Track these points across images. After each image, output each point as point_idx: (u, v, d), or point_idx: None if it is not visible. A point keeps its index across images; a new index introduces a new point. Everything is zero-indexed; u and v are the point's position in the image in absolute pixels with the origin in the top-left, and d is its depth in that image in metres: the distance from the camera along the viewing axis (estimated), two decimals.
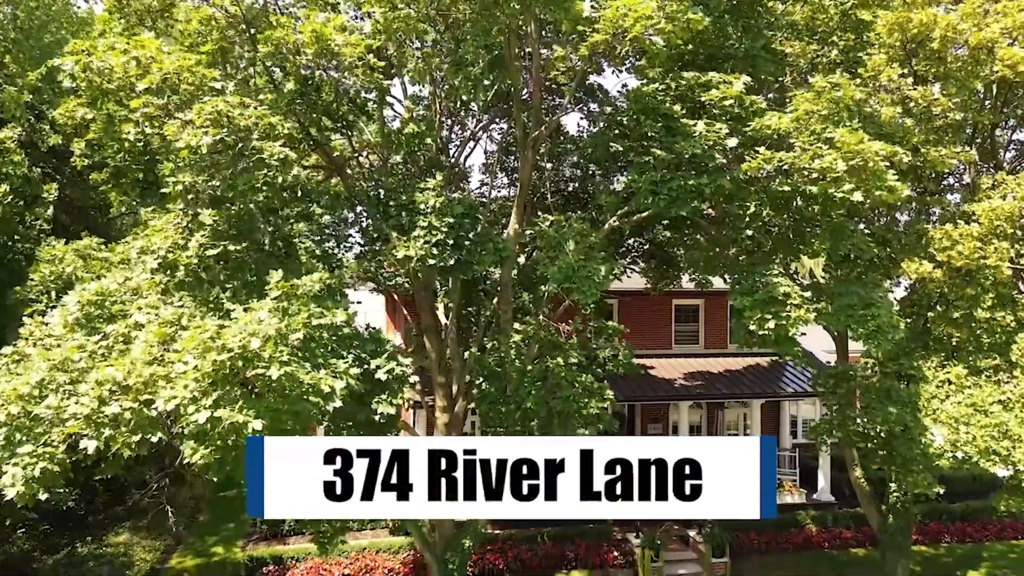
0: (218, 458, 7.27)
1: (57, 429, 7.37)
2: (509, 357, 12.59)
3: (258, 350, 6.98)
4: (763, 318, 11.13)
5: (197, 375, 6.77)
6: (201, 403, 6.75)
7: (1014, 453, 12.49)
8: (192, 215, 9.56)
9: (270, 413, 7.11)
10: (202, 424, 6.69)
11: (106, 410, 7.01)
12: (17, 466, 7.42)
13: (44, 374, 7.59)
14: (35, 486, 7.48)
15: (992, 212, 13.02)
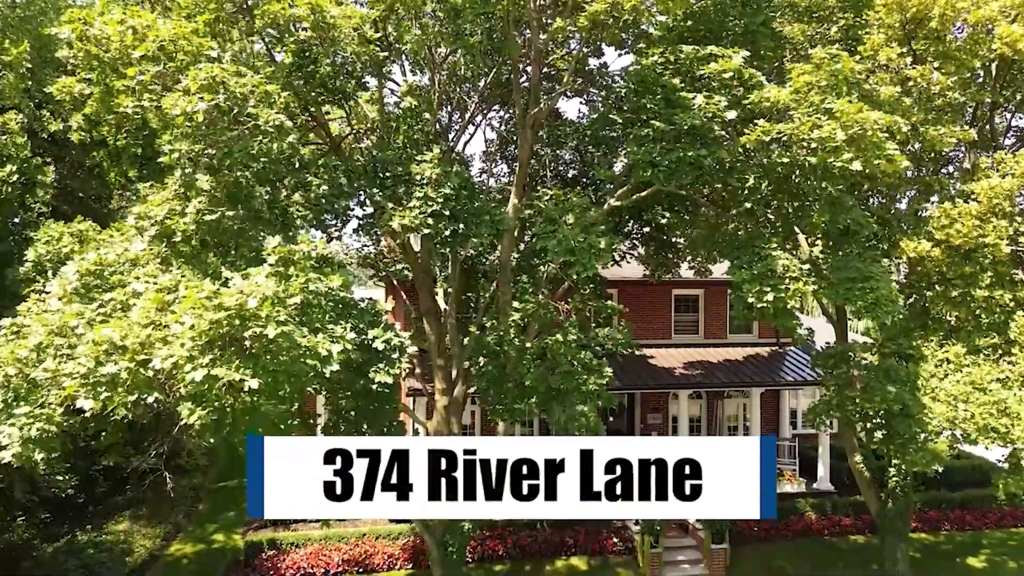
0: (215, 419, 7.27)
1: (55, 392, 7.37)
2: (508, 336, 12.58)
3: (255, 309, 6.97)
4: (761, 291, 11.11)
5: (193, 334, 6.76)
6: (197, 362, 6.74)
7: (1013, 430, 12.48)
8: (190, 182, 9.55)
9: (267, 374, 7.10)
10: (199, 383, 6.68)
11: (103, 370, 7.01)
12: (14, 427, 7.43)
13: (42, 338, 7.60)
14: (32, 447, 7.48)
15: (991, 190, 13.01)
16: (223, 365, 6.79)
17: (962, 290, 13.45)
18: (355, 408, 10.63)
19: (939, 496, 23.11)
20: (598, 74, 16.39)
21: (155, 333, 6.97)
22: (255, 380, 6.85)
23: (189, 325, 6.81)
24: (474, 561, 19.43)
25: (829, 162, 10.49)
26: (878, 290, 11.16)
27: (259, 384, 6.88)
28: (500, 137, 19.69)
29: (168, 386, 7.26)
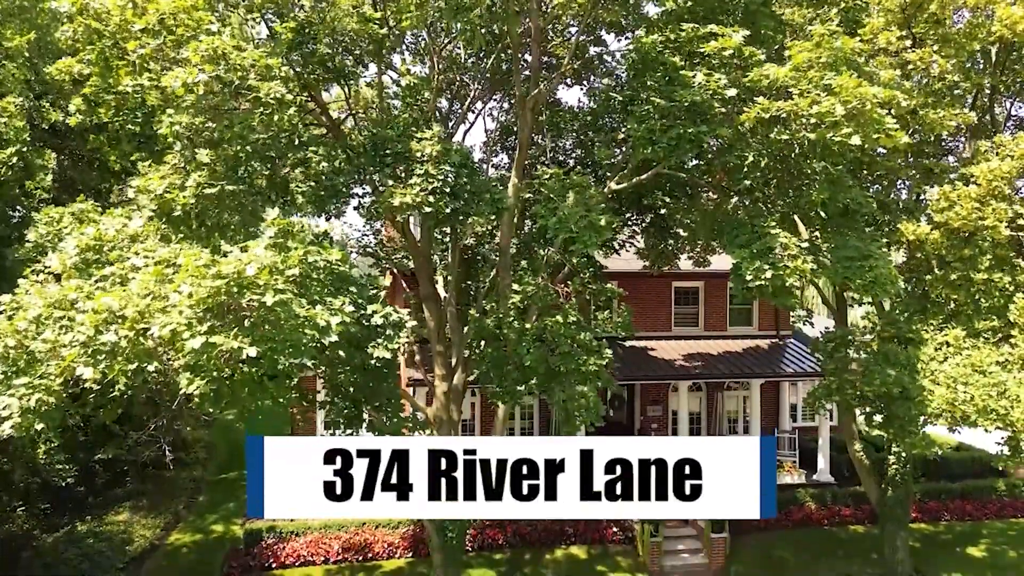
0: (213, 389, 7.26)
1: (54, 362, 7.36)
2: (508, 319, 12.58)
3: (253, 277, 6.97)
4: (760, 268, 11.09)
5: (192, 302, 6.75)
6: (196, 329, 6.73)
7: (1012, 412, 12.48)
8: (190, 155, 9.55)
9: (266, 342, 7.09)
10: (197, 351, 6.67)
11: (102, 338, 7.00)
12: (13, 397, 7.43)
13: (41, 310, 7.59)
14: (31, 417, 7.47)
15: (990, 173, 13.01)
16: (221, 333, 6.78)
17: (961, 273, 13.45)
18: (353, 384, 10.62)
19: (939, 487, 23.11)
20: (598, 60, 16.39)
21: (154, 304, 6.96)
22: (253, 348, 6.85)
23: (187, 293, 6.80)
24: (474, 549, 19.43)
25: (829, 137, 10.47)
26: (877, 268, 11.16)
27: (257, 352, 6.87)
28: (500, 126, 19.69)
29: (167, 356, 7.26)
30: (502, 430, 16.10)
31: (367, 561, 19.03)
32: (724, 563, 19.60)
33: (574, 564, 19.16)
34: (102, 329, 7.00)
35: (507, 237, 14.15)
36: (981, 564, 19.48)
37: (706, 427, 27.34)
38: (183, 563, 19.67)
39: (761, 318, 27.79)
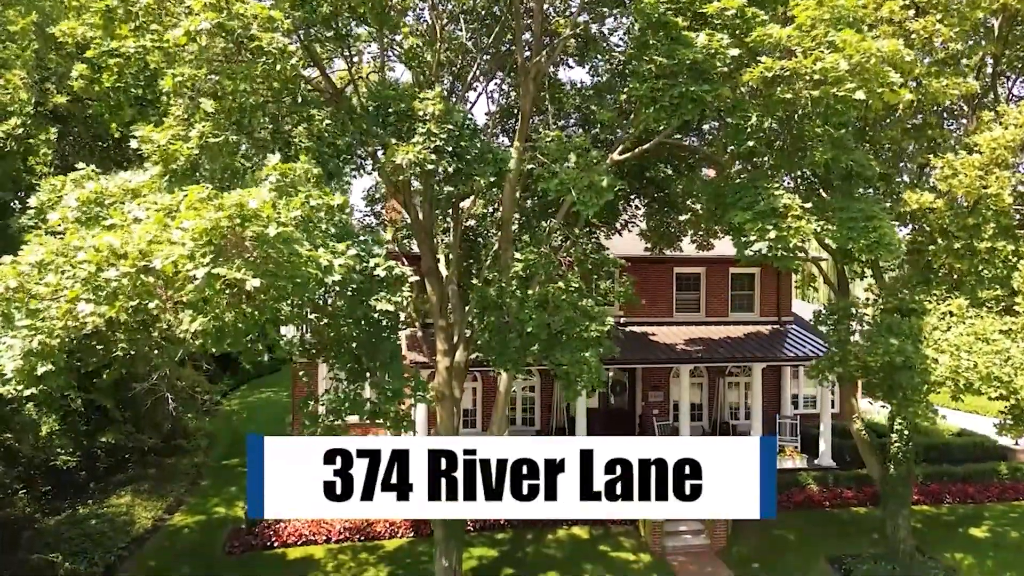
0: (216, 327, 7.25)
1: (56, 305, 7.34)
2: (510, 287, 12.56)
3: (256, 209, 6.96)
4: (763, 228, 11.08)
5: (194, 233, 6.73)
6: (198, 260, 6.72)
7: (1016, 379, 12.46)
8: (193, 107, 9.54)
9: (269, 276, 7.07)
10: (198, 284, 6.64)
11: (104, 275, 6.98)
12: (16, 338, 7.41)
13: (43, 255, 7.58)
14: (33, 360, 7.45)
15: (993, 141, 12.99)
16: (224, 266, 6.76)
17: (965, 242, 13.44)
18: (355, 340, 10.59)
19: (941, 470, 23.09)
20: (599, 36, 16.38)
21: (156, 246, 6.94)
22: (256, 280, 6.83)
23: (189, 228, 6.79)
24: (475, 530, 19.43)
25: (832, 92, 10.44)
26: (881, 229, 11.14)
27: (260, 284, 6.85)
28: (501, 108, 19.69)
29: (169, 294, 7.23)
30: (503, 411, 16.07)
31: (369, 540, 19.02)
32: (726, 544, 19.57)
33: (576, 544, 19.13)
34: (103, 266, 6.98)
35: (509, 209, 14.14)
36: (983, 544, 19.44)
37: (707, 413, 27.35)
38: (185, 542, 19.66)
39: (762, 304, 27.81)
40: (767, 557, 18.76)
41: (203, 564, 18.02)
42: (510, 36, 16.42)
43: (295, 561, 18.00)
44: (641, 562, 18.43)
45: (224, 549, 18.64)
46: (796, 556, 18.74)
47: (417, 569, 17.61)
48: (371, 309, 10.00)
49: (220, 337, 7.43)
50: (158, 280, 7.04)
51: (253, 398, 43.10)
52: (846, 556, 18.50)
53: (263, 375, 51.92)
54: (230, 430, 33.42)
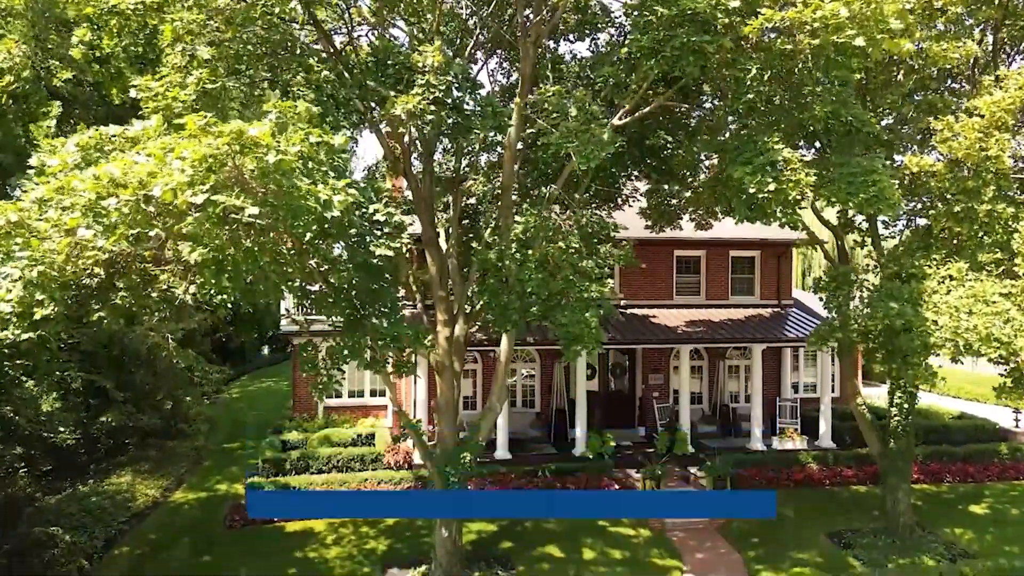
0: (216, 260, 7.25)
1: (56, 237, 7.34)
2: (509, 250, 12.56)
3: (255, 137, 6.95)
4: (763, 181, 11.07)
5: (193, 160, 6.73)
6: (197, 187, 6.72)
7: (1015, 341, 12.46)
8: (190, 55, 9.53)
9: (268, 206, 7.07)
10: (198, 217, 6.64)
11: (104, 203, 6.98)
12: (15, 268, 7.41)
13: (43, 193, 7.59)
14: (33, 290, 7.45)
15: (993, 104, 12.99)
16: (223, 192, 6.76)
17: (965, 205, 13.44)
18: (355, 286, 10.56)
19: (941, 449, 23.13)
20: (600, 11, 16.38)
21: (155, 177, 6.93)
22: (255, 208, 6.83)
23: (189, 157, 6.78)
24: None
25: (832, 40, 10.42)
26: (880, 183, 11.13)
27: (259, 212, 6.85)
28: (502, 88, 19.69)
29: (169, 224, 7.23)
30: (503, 381, 16.07)
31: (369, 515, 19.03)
32: (726, 520, 19.57)
33: (575, 520, 19.11)
34: (103, 195, 6.99)
35: (508, 176, 14.14)
36: (983, 520, 19.44)
37: (707, 396, 27.37)
38: (185, 518, 19.69)
39: (763, 287, 27.85)
40: (766, 532, 18.75)
41: (204, 538, 18.03)
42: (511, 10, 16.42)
43: (295, 534, 18.03)
44: (641, 537, 18.43)
45: (225, 523, 18.66)
46: (796, 532, 18.73)
47: (417, 542, 17.63)
48: (370, 255, 10.01)
49: (220, 271, 7.42)
50: (158, 210, 7.03)
51: (254, 387, 43.19)
52: (846, 531, 18.50)
53: (263, 367, 52.13)
54: (231, 417, 33.52)
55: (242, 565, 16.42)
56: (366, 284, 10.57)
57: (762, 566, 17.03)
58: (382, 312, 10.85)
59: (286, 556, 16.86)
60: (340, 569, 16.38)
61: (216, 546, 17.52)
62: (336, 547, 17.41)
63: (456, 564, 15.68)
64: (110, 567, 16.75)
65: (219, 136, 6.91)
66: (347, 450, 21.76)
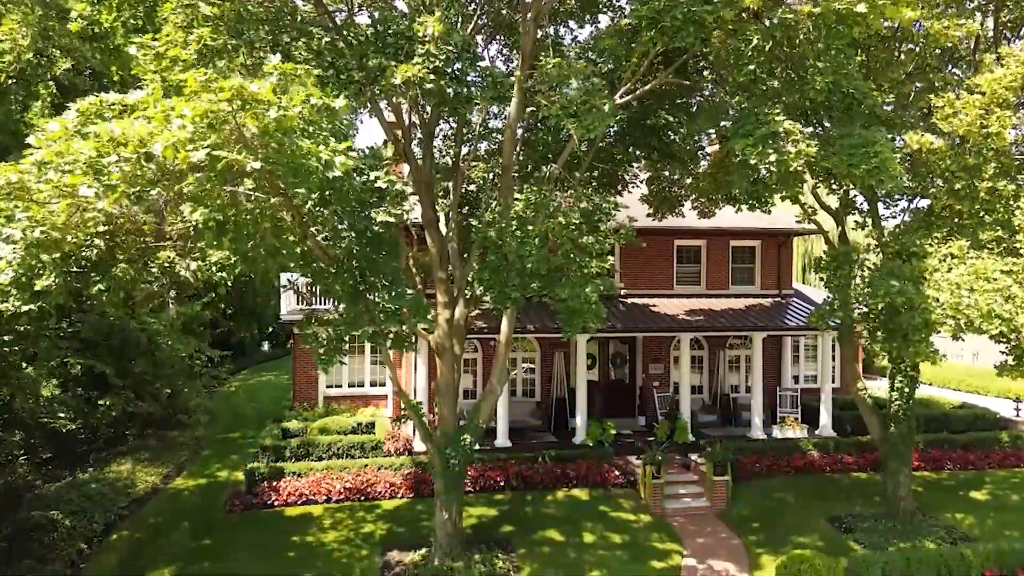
0: (217, 221, 7.22)
1: (56, 198, 7.31)
2: (510, 228, 12.54)
3: (256, 94, 6.93)
4: (764, 152, 11.04)
5: (194, 117, 6.70)
6: (198, 143, 6.69)
7: (1016, 317, 12.44)
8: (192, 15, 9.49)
9: (269, 164, 7.04)
10: (199, 169, 6.60)
11: (104, 160, 6.96)
12: (16, 229, 7.38)
13: (43, 156, 7.55)
14: (35, 252, 7.42)
15: (994, 81, 12.97)
16: (224, 148, 6.73)
17: (966, 183, 13.42)
18: (355, 256, 10.50)
19: (941, 437, 23.12)
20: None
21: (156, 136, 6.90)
22: (257, 163, 6.79)
23: (189, 114, 6.75)
24: (475, 491, 19.43)
25: (833, 7, 10.37)
26: (882, 154, 11.09)
27: (261, 166, 6.82)
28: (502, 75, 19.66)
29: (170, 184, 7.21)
30: (503, 361, 16.06)
31: (369, 500, 19.02)
32: (726, 506, 19.57)
33: (576, 505, 19.13)
34: (103, 153, 6.96)
35: (509, 155, 14.11)
36: (984, 506, 19.43)
37: (708, 385, 27.35)
38: (185, 503, 19.67)
39: (763, 277, 27.85)
40: (767, 517, 18.75)
41: (203, 522, 18.01)
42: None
43: (294, 518, 18.00)
44: (641, 522, 18.43)
45: (224, 508, 18.64)
46: (796, 516, 18.73)
47: (416, 526, 17.61)
48: (371, 221, 9.98)
49: (221, 232, 7.40)
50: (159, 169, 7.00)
51: (254, 381, 43.18)
52: (846, 516, 18.50)
53: (263, 362, 52.12)
54: (230, 409, 33.52)
55: (242, 549, 16.40)
56: (367, 255, 10.53)
57: (763, 550, 17.03)
58: (383, 285, 10.80)
59: (285, 540, 16.84)
60: (339, 552, 16.36)
61: (216, 530, 17.50)
62: (334, 531, 17.39)
63: (456, 546, 15.67)
64: (109, 551, 16.72)
65: (220, 92, 6.87)
66: (347, 438, 21.73)
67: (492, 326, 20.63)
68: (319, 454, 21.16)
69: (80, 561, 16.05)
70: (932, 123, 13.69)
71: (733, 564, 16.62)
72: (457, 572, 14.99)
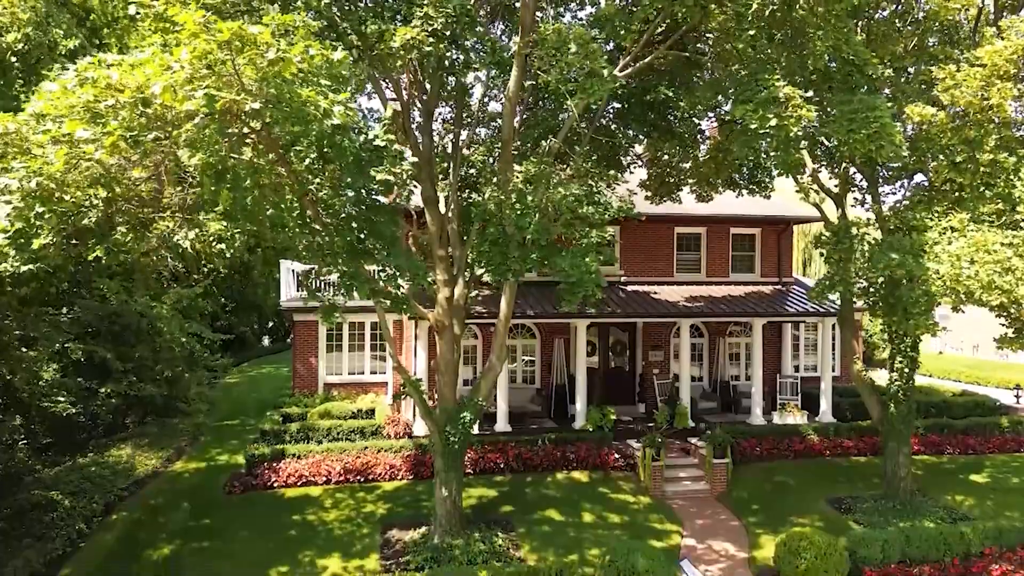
0: (215, 167, 7.20)
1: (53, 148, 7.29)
2: (509, 200, 12.53)
3: (255, 36, 6.91)
4: (764, 117, 11.01)
5: (192, 58, 6.69)
6: (197, 83, 6.68)
7: (1016, 289, 12.41)
8: None
9: (269, 107, 7.02)
10: (199, 121, 6.59)
11: (102, 104, 6.95)
12: (13, 179, 7.36)
13: (42, 108, 7.53)
14: (32, 203, 7.41)
15: (995, 53, 12.95)
16: (224, 89, 6.72)
17: (967, 155, 13.40)
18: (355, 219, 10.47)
19: (941, 422, 23.11)
20: None
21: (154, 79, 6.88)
22: (256, 102, 6.78)
23: (187, 56, 6.74)
24: (475, 473, 19.42)
25: None
26: (882, 119, 11.08)
27: (260, 107, 6.80)
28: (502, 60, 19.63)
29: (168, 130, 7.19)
30: (503, 338, 16.06)
31: (369, 482, 19.01)
32: (726, 489, 19.57)
33: (575, 486, 19.12)
34: (101, 98, 6.95)
35: (508, 129, 14.09)
36: (984, 488, 19.41)
37: (708, 373, 27.34)
38: (185, 485, 19.67)
39: (764, 265, 27.84)
40: (766, 499, 18.76)
41: (203, 503, 18.01)
42: None
43: (294, 499, 17.99)
44: (640, 503, 18.42)
45: (224, 490, 18.64)
46: (796, 498, 18.73)
47: (416, 506, 17.61)
48: (371, 180, 9.96)
49: (219, 179, 7.38)
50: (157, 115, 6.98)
51: (254, 372, 43.19)
52: (846, 498, 18.49)
53: (264, 355, 52.12)
54: (230, 399, 33.53)
55: (241, 528, 16.40)
56: (366, 216, 10.50)
57: (762, 530, 17.04)
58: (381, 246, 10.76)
59: (285, 519, 16.83)
60: (339, 530, 16.36)
61: (215, 510, 17.50)
62: (335, 510, 17.39)
63: (456, 524, 15.67)
64: (108, 530, 16.72)
65: (219, 34, 6.85)
66: (347, 423, 21.72)
67: (491, 311, 20.61)
68: (319, 438, 21.14)
69: (80, 540, 16.03)
70: (933, 96, 13.68)
71: (733, 544, 16.61)
72: (457, 549, 14.98)
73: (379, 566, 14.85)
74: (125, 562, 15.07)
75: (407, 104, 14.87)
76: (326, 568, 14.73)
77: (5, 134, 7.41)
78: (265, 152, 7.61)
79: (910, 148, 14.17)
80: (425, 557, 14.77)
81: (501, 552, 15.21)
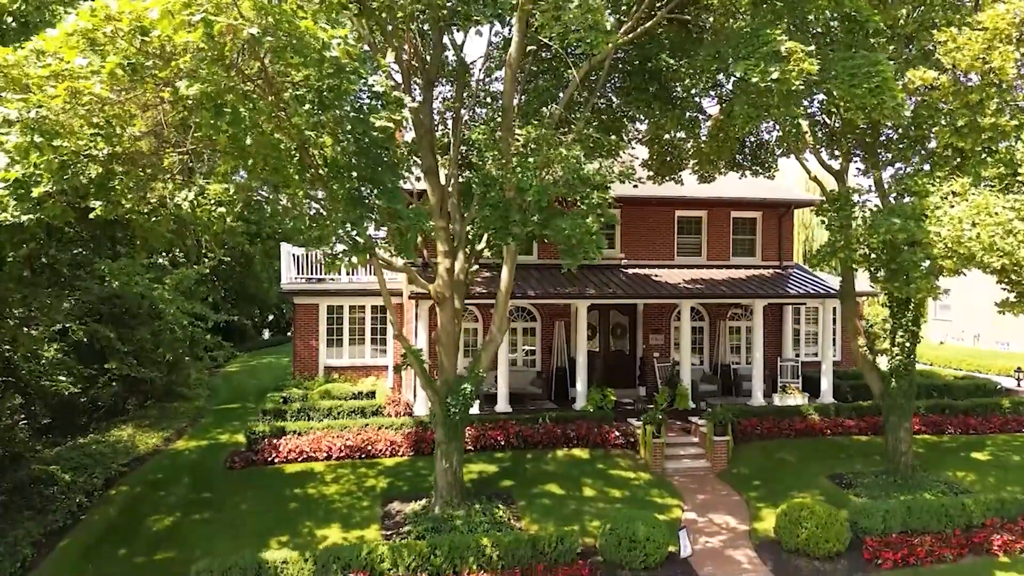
0: (213, 100, 7.17)
1: (51, 83, 7.26)
2: (510, 164, 12.49)
3: None
4: (766, 71, 10.97)
5: None
6: (195, 7, 6.64)
7: (1018, 251, 12.36)
8: None
9: (268, 37, 6.99)
10: (198, 35, 6.53)
11: (99, 32, 6.92)
12: (11, 109, 7.33)
13: (41, 46, 7.49)
14: (30, 132, 7.37)
15: (997, 16, 12.92)
16: (222, 13, 6.69)
17: (968, 119, 13.36)
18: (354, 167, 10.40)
19: (942, 403, 23.03)
20: None
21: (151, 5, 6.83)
22: (255, 28, 6.75)
23: None
24: (476, 449, 19.39)
25: None
26: (884, 73, 11.04)
27: (259, 30, 6.77)
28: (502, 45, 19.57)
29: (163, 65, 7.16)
30: (504, 309, 16.04)
31: (370, 458, 18.98)
32: (726, 466, 19.53)
33: (576, 463, 19.08)
34: (98, 27, 6.92)
35: (509, 95, 14.06)
36: (985, 465, 19.37)
37: (708, 356, 27.31)
38: (186, 462, 19.64)
39: (764, 248, 27.81)
40: (767, 476, 18.72)
41: (204, 478, 17.99)
42: None
43: (294, 474, 17.95)
44: (641, 479, 18.39)
45: (225, 465, 18.62)
46: (796, 475, 18.69)
47: (417, 480, 17.58)
48: (371, 127, 9.93)
49: (218, 113, 7.35)
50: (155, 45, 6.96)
51: (255, 362, 43.19)
52: (847, 474, 18.46)
53: (264, 347, 52.14)
54: (230, 386, 33.55)
55: (242, 501, 16.38)
56: (367, 164, 10.45)
57: (763, 504, 17.01)
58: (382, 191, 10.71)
59: (287, 492, 16.81)
60: (339, 503, 16.33)
61: (216, 484, 17.48)
62: (336, 484, 17.36)
63: (457, 495, 15.64)
64: (108, 503, 16.70)
65: None
66: (348, 403, 21.68)
67: (491, 291, 20.59)
68: (320, 417, 21.11)
69: (80, 512, 16.02)
70: (935, 60, 13.64)
71: (733, 517, 16.59)
72: (458, 519, 14.96)
73: (379, 535, 14.84)
74: (126, 534, 15.05)
75: (407, 72, 14.85)
76: (326, 538, 14.71)
77: (5, 65, 7.38)
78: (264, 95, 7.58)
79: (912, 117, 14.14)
80: (426, 527, 14.75)
81: (502, 523, 15.19)
